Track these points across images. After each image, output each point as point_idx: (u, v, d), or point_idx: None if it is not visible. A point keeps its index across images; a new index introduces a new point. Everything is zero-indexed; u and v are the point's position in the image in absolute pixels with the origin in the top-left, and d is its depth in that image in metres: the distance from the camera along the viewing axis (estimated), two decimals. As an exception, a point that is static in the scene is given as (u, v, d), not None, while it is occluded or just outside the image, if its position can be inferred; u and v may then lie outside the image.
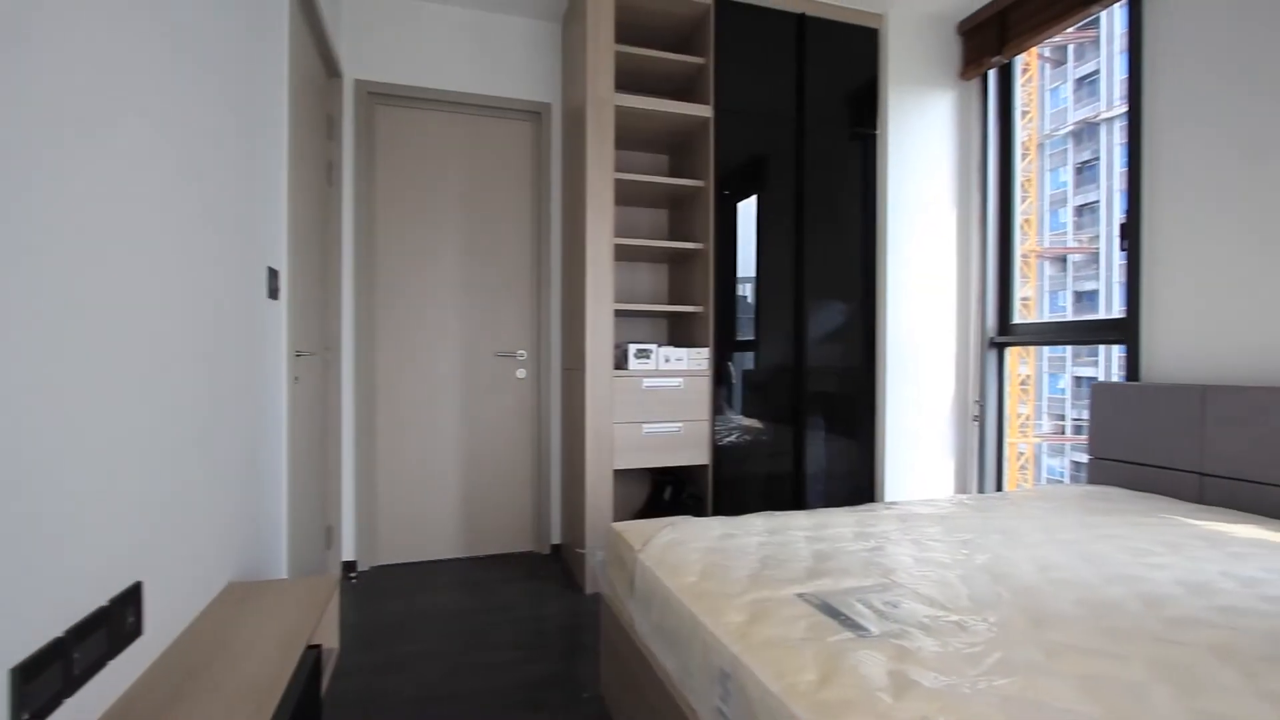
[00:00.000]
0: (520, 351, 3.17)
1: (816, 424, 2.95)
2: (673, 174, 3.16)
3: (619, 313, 2.86)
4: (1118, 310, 2.45)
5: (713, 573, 1.32)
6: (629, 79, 2.90)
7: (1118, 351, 2.43)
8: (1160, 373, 2.28)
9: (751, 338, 2.90)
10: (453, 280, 3.07)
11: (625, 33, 2.82)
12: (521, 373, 3.18)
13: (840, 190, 3.00)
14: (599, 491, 2.62)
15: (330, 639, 1.75)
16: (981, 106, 3.12)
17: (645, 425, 2.69)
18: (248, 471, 1.59)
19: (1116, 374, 2.46)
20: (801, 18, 2.91)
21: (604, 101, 2.62)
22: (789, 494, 2.91)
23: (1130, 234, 2.36)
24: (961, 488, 3.15)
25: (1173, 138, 2.25)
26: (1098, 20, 2.72)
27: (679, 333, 3.12)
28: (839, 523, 1.70)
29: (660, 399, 2.71)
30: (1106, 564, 1.38)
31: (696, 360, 2.77)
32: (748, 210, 2.90)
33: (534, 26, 3.16)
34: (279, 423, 1.89)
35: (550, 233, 3.17)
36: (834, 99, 2.98)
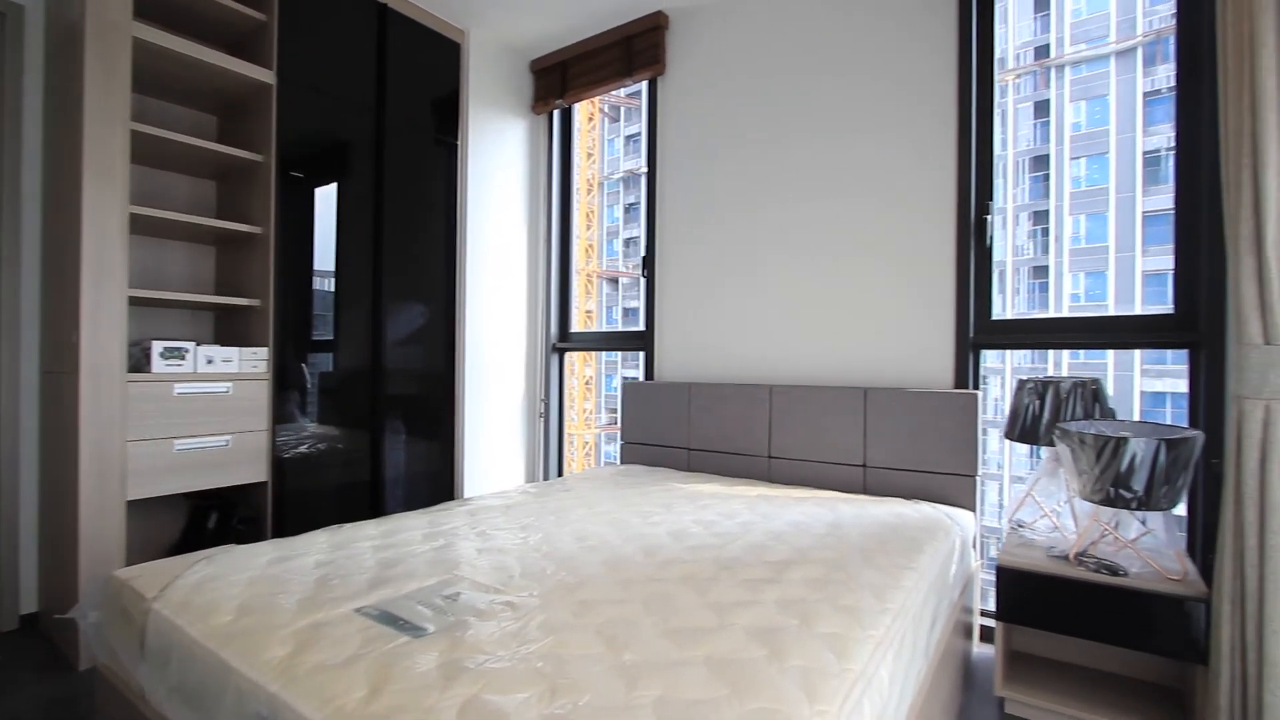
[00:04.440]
0: (-43, 348, 2.20)
1: (396, 428, 2.88)
2: (222, 140, 2.65)
3: (139, 301, 2.25)
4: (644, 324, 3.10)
5: (254, 606, 1.15)
6: (164, 10, 2.32)
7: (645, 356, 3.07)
8: (667, 373, 2.98)
9: (330, 337, 2.66)
10: None
11: (153, -50, 2.25)
12: (-40, 378, 2.21)
13: (424, 193, 2.99)
14: (102, 532, 2.01)
15: None
16: (549, 140, 3.54)
17: (178, 441, 2.19)
18: None
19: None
20: (384, 9, 2.80)
21: (114, 26, 2.03)
22: (367, 503, 2.76)
23: (649, 265, 3.02)
24: (531, 476, 3.51)
25: (667, 192, 2.98)
26: (641, 91, 3.38)
27: (231, 329, 2.64)
28: (411, 526, 1.70)
29: (200, 408, 2.24)
30: (625, 528, 1.72)
31: (252, 361, 2.39)
32: (328, 198, 2.64)
33: (-9, -109, 2.24)
34: None
35: (21, 187, 2.29)
36: (418, 101, 2.96)
